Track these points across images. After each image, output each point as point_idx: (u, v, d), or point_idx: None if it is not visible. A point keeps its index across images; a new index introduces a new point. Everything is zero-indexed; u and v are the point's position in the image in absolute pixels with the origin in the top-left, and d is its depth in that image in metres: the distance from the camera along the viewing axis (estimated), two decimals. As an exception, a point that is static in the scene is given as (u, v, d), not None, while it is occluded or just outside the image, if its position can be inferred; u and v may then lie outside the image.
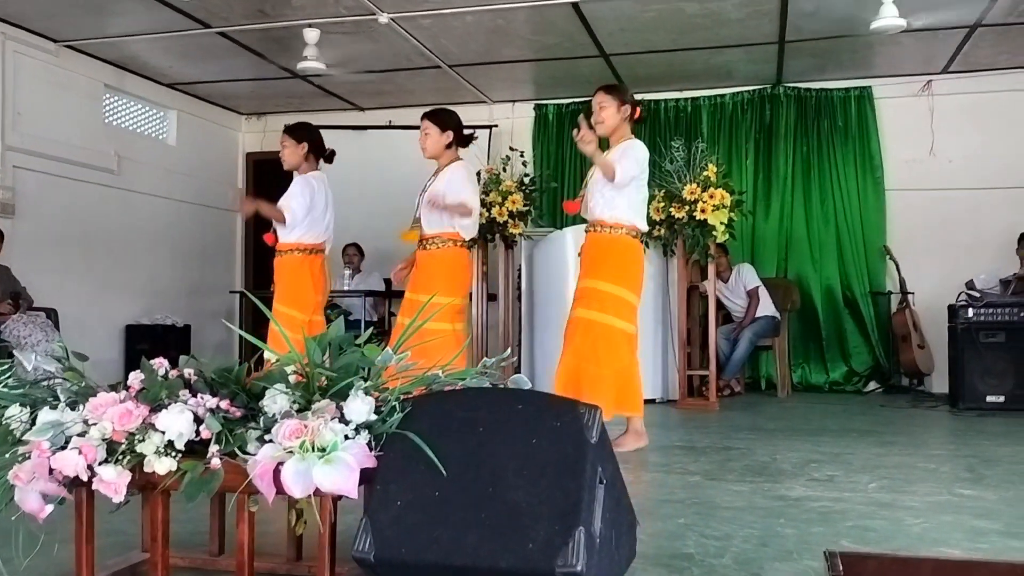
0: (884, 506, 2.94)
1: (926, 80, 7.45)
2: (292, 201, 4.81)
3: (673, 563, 2.26)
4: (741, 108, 7.88)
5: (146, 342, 7.12)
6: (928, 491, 3.22)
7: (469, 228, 4.58)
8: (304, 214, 4.80)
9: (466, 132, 4.69)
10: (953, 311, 6.21)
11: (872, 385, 7.48)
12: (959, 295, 6.20)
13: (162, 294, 7.81)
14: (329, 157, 5.08)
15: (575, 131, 3.99)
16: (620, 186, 4.03)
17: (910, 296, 7.17)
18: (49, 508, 1.85)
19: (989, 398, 5.92)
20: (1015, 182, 7.17)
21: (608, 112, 4.16)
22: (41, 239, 6.53)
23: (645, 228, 4.24)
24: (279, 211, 4.82)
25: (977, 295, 6.11)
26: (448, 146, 4.58)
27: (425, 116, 4.63)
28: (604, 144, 4.25)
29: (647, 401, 5.89)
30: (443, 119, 4.60)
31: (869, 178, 7.58)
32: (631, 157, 4.06)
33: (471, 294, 5.73)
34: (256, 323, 7.14)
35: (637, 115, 4.23)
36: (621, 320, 4.08)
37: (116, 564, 2.17)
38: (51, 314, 6.09)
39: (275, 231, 4.95)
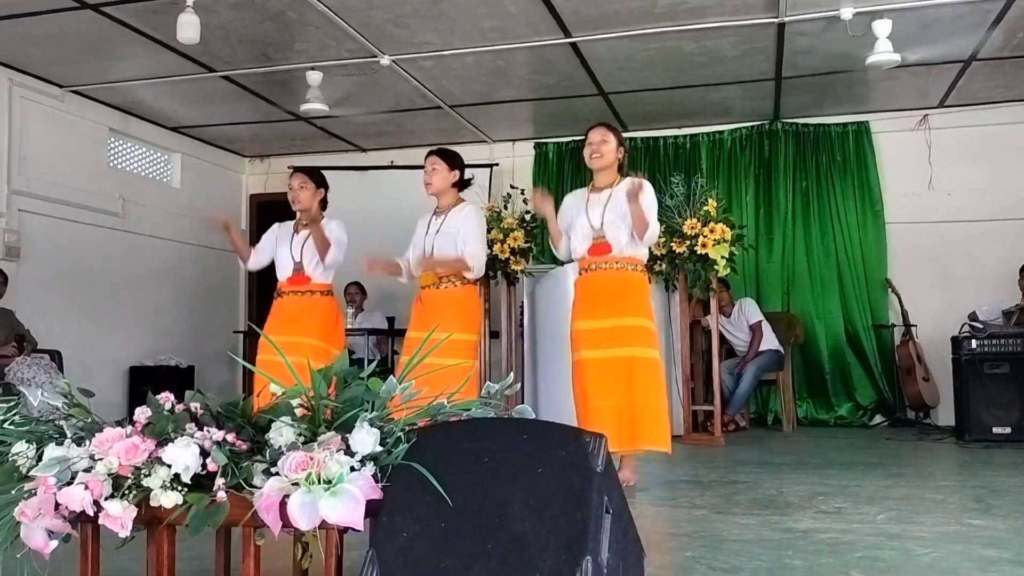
0: (893, 537, 2.92)
1: (923, 114, 7.51)
2: (338, 245, 4.72)
3: (681, 595, 2.24)
4: (740, 144, 7.94)
5: (150, 383, 7.06)
6: (937, 521, 3.20)
7: (474, 273, 4.49)
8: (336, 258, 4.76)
9: (466, 177, 4.71)
10: (957, 343, 6.20)
11: (877, 418, 7.45)
12: (962, 327, 6.20)
13: (166, 336, 7.83)
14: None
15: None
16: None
17: (913, 329, 7.16)
18: (54, 544, 1.84)
19: (995, 429, 5.90)
20: (1014, 214, 7.20)
21: (608, 148, 4.20)
22: (45, 282, 6.57)
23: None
24: (326, 242, 4.70)
25: (980, 326, 6.11)
26: (453, 185, 4.59)
27: (434, 153, 4.61)
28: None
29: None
30: (452, 158, 4.62)
31: (869, 212, 7.61)
32: (647, 195, 4.10)
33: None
34: (260, 363, 7.13)
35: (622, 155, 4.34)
36: (657, 351, 4.14)
37: (121, 602, 2.16)
38: (55, 356, 6.10)
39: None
